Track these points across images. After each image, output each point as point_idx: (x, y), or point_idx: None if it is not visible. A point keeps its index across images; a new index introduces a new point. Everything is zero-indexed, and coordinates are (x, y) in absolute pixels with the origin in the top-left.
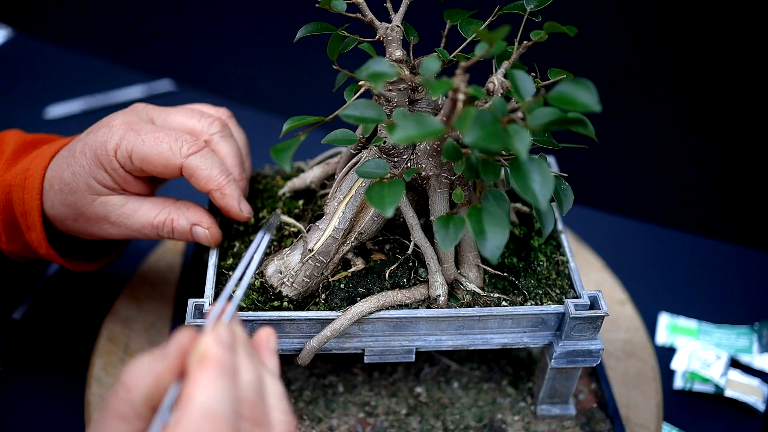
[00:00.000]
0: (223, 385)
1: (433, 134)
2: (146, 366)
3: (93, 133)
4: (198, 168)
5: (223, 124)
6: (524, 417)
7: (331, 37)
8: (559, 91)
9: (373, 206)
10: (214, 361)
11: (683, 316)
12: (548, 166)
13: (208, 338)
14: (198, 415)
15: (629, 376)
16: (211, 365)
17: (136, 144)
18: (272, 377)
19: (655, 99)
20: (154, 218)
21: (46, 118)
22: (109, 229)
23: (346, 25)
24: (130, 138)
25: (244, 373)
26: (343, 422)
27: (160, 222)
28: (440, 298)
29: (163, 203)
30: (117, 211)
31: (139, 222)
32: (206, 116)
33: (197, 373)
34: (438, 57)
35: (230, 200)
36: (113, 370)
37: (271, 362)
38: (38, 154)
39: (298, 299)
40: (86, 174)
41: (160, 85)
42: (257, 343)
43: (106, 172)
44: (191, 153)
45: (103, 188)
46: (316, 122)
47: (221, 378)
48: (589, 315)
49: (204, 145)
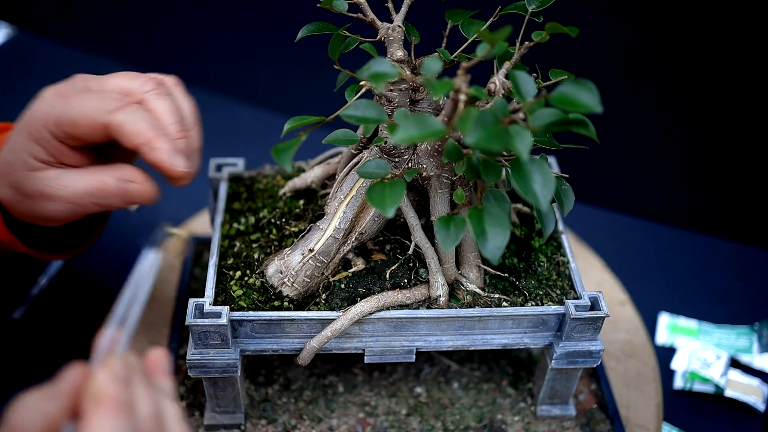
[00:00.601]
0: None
1: (434, 135)
2: (36, 406)
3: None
4: (123, 123)
5: (159, 83)
6: (524, 417)
7: (332, 37)
8: (561, 92)
9: (374, 206)
10: (109, 399)
11: (683, 316)
12: (549, 167)
13: (102, 375)
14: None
15: (629, 376)
16: (107, 404)
17: (64, 110)
18: (169, 401)
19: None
20: (87, 185)
21: None
22: (49, 205)
23: (348, 25)
24: (57, 105)
25: (142, 404)
26: (343, 422)
27: (93, 187)
28: (441, 299)
29: (96, 169)
30: (53, 183)
31: (74, 192)
32: (142, 76)
33: (92, 415)
34: (439, 57)
35: (159, 154)
36: None
37: (166, 384)
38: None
39: (298, 299)
40: (21, 150)
41: None
42: (149, 367)
43: (39, 145)
44: (116, 108)
45: (39, 162)
46: (317, 122)
47: (118, 416)
48: (590, 316)
49: (130, 101)
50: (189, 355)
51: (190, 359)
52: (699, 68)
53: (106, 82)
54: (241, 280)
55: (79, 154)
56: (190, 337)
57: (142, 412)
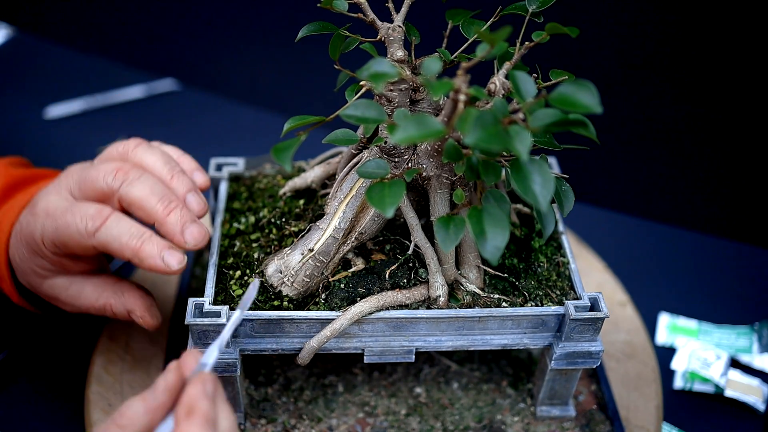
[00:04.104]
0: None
1: (433, 135)
2: (140, 406)
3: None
4: (107, 242)
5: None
6: (524, 418)
7: (332, 37)
8: (560, 93)
9: (374, 206)
10: (200, 414)
11: (683, 316)
12: (549, 167)
13: (195, 390)
14: None
15: (629, 377)
16: (198, 418)
17: (54, 231)
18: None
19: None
20: (95, 302)
21: (46, 118)
22: (63, 306)
23: (348, 25)
24: (47, 225)
25: (223, 420)
26: (343, 422)
27: (101, 306)
28: (440, 299)
29: (103, 286)
30: (64, 293)
31: (83, 305)
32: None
33: (185, 424)
34: (439, 57)
35: (149, 261)
36: (113, 368)
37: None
38: (9, 207)
39: (298, 299)
40: (28, 261)
41: (162, 84)
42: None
43: (42, 259)
44: (96, 229)
45: (46, 272)
46: (317, 122)
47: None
48: (590, 316)
49: (108, 213)
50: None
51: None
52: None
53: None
54: (241, 279)
55: (81, 262)
56: (189, 337)
57: (222, 428)
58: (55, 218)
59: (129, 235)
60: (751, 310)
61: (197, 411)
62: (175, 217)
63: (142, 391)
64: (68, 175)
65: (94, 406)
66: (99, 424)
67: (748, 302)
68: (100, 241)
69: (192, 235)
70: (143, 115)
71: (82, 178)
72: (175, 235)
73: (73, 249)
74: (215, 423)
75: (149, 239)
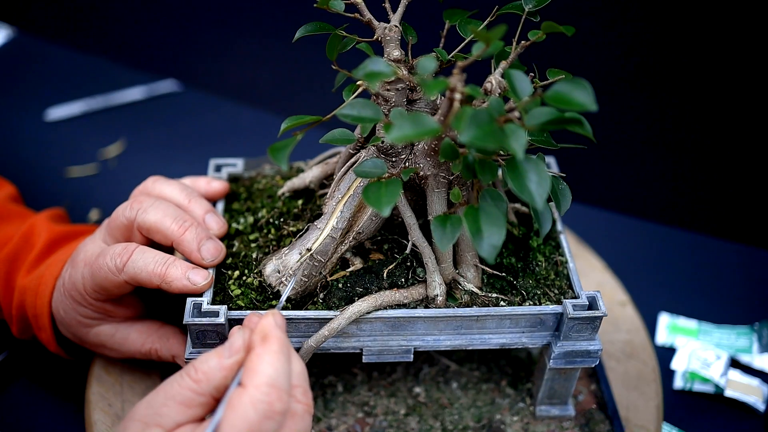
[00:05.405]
0: (283, 361)
1: (429, 133)
2: (216, 362)
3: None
4: (136, 275)
5: (136, 200)
6: (523, 418)
7: (329, 37)
8: (556, 91)
9: (370, 205)
10: (275, 341)
11: (683, 316)
12: (545, 166)
13: (268, 321)
14: (264, 384)
15: (629, 377)
16: (273, 344)
17: (91, 276)
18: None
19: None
20: (141, 347)
21: (46, 120)
22: (109, 353)
23: (345, 25)
24: (86, 273)
25: (295, 359)
26: (342, 422)
27: (147, 351)
28: (438, 298)
29: (148, 332)
30: (110, 340)
31: (129, 350)
32: (126, 204)
33: (261, 349)
34: (435, 57)
35: (176, 284)
36: (113, 368)
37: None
38: (53, 262)
39: (296, 299)
40: (72, 311)
41: (162, 85)
42: None
43: (86, 308)
44: (124, 264)
45: (91, 320)
46: (314, 122)
47: (281, 355)
48: (588, 315)
49: (134, 248)
50: (187, 354)
51: (188, 359)
52: (698, 68)
53: (112, 217)
54: (240, 279)
55: (123, 306)
56: (188, 337)
57: (295, 367)
58: (91, 264)
59: (154, 263)
60: (751, 310)
61: (272, 337)
62: (191, 235)
63: (142, 391)
64: (102, 227)
65: (94, 406)
66: (99, 424)
67: (748, 302)
68: (129, 274)
69: (209, 251)
70: (144, 116)
71: (108, 223)
72: (192, 252)
73: (109, 289)
74: (289, 356)
75: (173, 263)
